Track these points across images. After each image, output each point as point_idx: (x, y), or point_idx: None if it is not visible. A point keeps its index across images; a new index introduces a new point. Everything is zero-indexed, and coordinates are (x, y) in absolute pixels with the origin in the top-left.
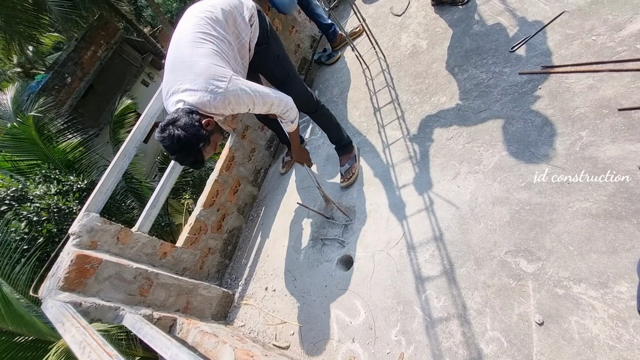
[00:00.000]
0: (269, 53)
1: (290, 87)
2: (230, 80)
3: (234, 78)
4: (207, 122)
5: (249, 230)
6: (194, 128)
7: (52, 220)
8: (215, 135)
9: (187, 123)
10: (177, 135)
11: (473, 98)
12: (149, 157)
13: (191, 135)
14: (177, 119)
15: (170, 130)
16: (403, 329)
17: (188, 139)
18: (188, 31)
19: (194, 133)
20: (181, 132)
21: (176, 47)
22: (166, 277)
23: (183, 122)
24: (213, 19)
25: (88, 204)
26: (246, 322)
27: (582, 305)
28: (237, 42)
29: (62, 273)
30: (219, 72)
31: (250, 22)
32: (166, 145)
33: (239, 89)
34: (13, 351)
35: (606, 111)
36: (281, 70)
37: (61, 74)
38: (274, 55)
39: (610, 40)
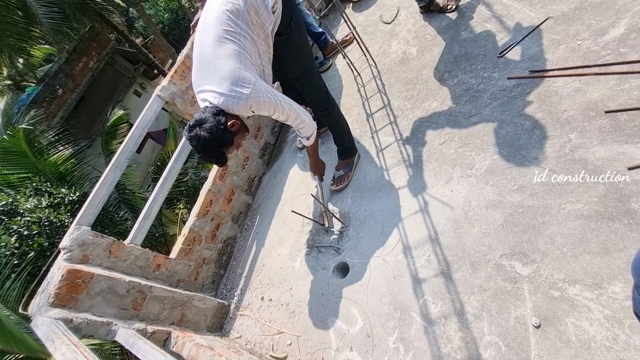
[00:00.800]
0: (291, 44)
1: (306, 82)
2: (254, 86)
3: (257, 83)
4: (233, 124)
5: (243, 240)
6: (219, 131)
7: (43, 234)
8: (240, 136)
9: (213, 125)
10: (202, 137)
11: (463, 103)
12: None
13: (216, 139)
14: (204, 120)
15: (197, 131)
16: (401, 335)
17: (213, 141)
18: (211, 28)
19: (218, 136)
20: (207, 134)
21: (200, 43)
22: (160, 289)
23: (209, 124)
24: (234, 12)
25: (79, 218)
26: (242, 333)
27: (578, 307)
28: (262, 33)
29: (53, 289)
30: (242, 76)
31: (273, 9)
32: (192, 145)
33: (261, 95)
34: None
35: (593, 113)
36: (300, 64)
37: (52, 86)
38: (295, 47)
39: (595, 45)
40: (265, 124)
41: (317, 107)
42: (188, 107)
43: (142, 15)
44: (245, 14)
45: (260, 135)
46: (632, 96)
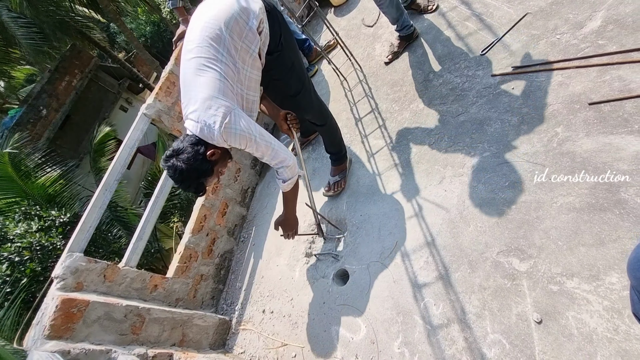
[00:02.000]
0: (284, 60)
1: (304, 97)
2: (229, 117)
3: (233, 114)
4: (213, 153)
5: (241, 252)
6: (197, 162)
7: (35, 259)
8: (220, 164)
9: (190, 156)
10: (179, 168)
11: (450, 102)
12: (133, 183)
13: (193, 169)
14: (181, 150)
15: (174, 162)
16: (405, 340)
17: (190, 172)
18: (192, 54)
19: (196, 167)
20: (183, 165)
21: (183, 70)
22: (159, 311)
23: (186, 155)
24: (215, 38)
25: (71, 244)
26: (246, 348)
27: (577, 300)
28: (249, 58)
29: (48, 320)
30: (217, 106)
31: (259, 30)
32: (169, 175)
33: (234, 127)
34: None
35: (578, 106)
36: (296, 79)
37: (36, 107)
38: (289, 62)
39: (574, 38)
40: None
41: (316, 122)
42: (175, 123)
43: (124, 29)
44: (228, 39)
45: None
46: (614, 87)
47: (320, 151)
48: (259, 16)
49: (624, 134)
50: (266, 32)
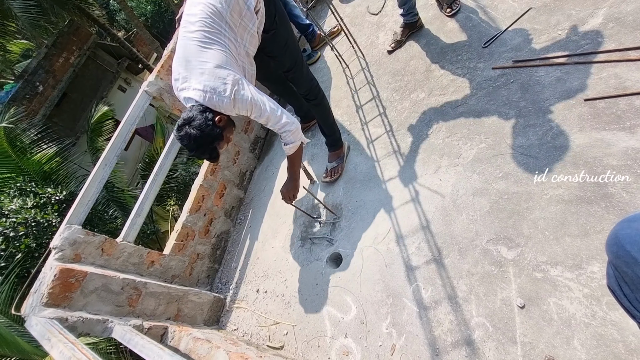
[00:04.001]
0: (278, 38)
1: (296, 74)
2: (235, 85)
3: (241, 83)
4: (220, 119)
5: (237, 234)
6: (208, 127)
7: (30, 235)
8: (228, 130)
9: (202, 123)
10: (193, 135)
11: (450, 93)
12: (130, 165)
13: (206, 135)
14: (192, 118)
15: (187, 129)
16: (393, 321)
17: (203, 138)
18: (195, 28)
19: (208, 133)
20: (197, 132)
21: (184, 43)
22: (155, 285)
23: (198, 122)
24: (217, 14)
25: (69, 216)
26: (239, 326)
27: (559, 287)
28: (246, 35)
29: (46, 289)
30: (225, 76)
31: (256, 9)
32: (184, 144)
33: (242, 95)
34: None
35: (573, 102)
36: (289, 56)
37: (32, 83)
38: (283, 40)
39: (575, 34)
40: None
41: (308, 96)
42: (176, 102)
43: (124, 7)
44: (228, 16)
45: (251, 130)
46: (610, 84)
47: (319, 137)
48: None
49: (616, 130)
50: (262, 11)
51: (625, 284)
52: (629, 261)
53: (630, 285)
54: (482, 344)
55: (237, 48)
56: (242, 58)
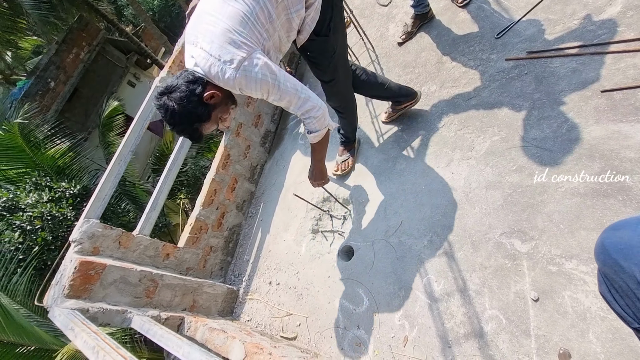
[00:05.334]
0: (325, 46)
1: (332, 89)
2: (249, 58)
3: (255, 56)
4: (211, 95)
5: (249, 227)
6: (190, 104)
7: (46, 228)
8: (221, 110)
9: (184, 96)
10: (170, 108)
11: (462, 85)
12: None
13: (186, 112)
14: (175, 88)
15: (165, 100)
16: (406, 313)
17: (182, 115)
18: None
19: (189, 110)
20: (175, 105)
21: None
22: (171, 277)
23: (179, 94)
24: None
25: (87, 211)
26: (252, 317)
27: (574, 280)
28: (284, 17)
29: (67, 280)
30: (238, 43)
31: (307, 3)
32: (162, 116)
33: (254, 70)
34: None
35: (590, 93)
36: (332, 70)
37: (44, 79)
38: (330, 50)
39: (591, 24)
40: (265, 111)
41: (336, 108)
42: None
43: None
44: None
45: (261, 124)
46: (628, 75)
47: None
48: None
49: (634, 122)
50: (317, 7)
51: (615, 291)
52: (616, 269)
53: (620, 292)
54: (495, 336)
55: (268, 22)
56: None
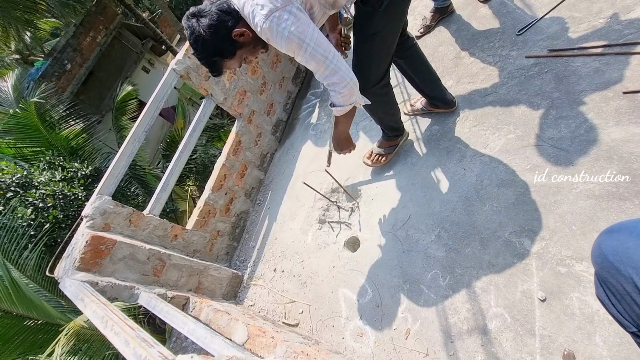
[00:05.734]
0: (367, 21)
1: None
2: (281, 9)
3: (289, 9)
4: (241, 33)
5: (256, 214)
6: (217, 35)
7: (57, 207)
8: (247, 50)
9: (212, 24)
10: (196, 32)
11: (480, 82)
12: (152, 144)
13: (210, 43)
14: (206, 13)
15: (194, 23)
16: (409, 306)
17: (207, 44)
18: None
19: (214, 41)
20: (202, 31)
21: None
22: (178, 258)
23: (208, 21)
24: None
25: (100, 187)
26: (256, 302)
27: (584, 282)
28: None
29: (78, 254)
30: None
31: None
32: (187, 36)
33: (281, 25)
34: (24, 334)
35: (611, 94)
36: (367, 52)
37: (60, 61)
38: (371, 29)
39: (618, 23)
40: (278, 100)
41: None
42: (202, 81)
43: None
44: None
45: (273, 112)
46: None
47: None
48: None
49: None
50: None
51: (612, 294)
52: (613, 272)
53: (617, 295)
54: (499, 334)
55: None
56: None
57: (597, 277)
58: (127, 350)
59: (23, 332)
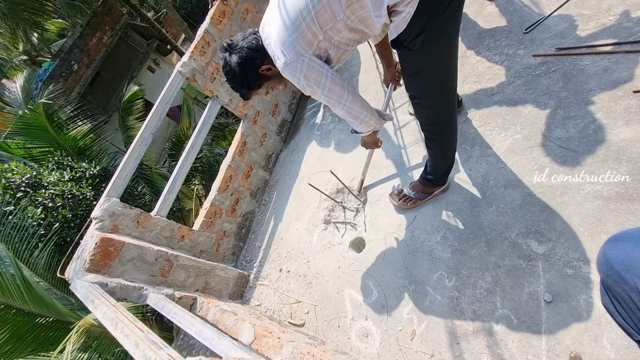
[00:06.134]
0: (408, 61)
1: (417, 106)
2: (294, 61)
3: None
4: (269, 68)
5: (262, 214)
6: (246, 70)
7: (66, 206)
8: (274, 82)
9: (242, 62)
10: (228, 64)
11: (486, 81)
12: (158, 144)
13: (242, 75)
14: (238, 49)
15: (227, 56)
16: (415, 307)
17: (235, 76)
18: None
19: (245, 75)
20: (233, 65)
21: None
22: (185, 258)
23: (238, 57)
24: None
25: (109, 189)
26: (262, 302)
27: (591, 284)
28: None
29: (88, 255)
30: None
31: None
32: (221, 65)
33: (296, 74)
34: (35, 332)
35: (621, 93)
36: (415, 89)
37: (68, 61)
38: (412, 68)
39: (628, 21)
40: (282, 101)
41: (424, 129)
42: (208, 83)
43: None
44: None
45: (278, 113)
46: None
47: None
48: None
49: None
50: (405, 18)
51: (617, 303)
52: (619, 281)
53: (622, 304)
54: (505, 335)
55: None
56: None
57: (603, 285)
58: (137, 352)
59: (35, 329)
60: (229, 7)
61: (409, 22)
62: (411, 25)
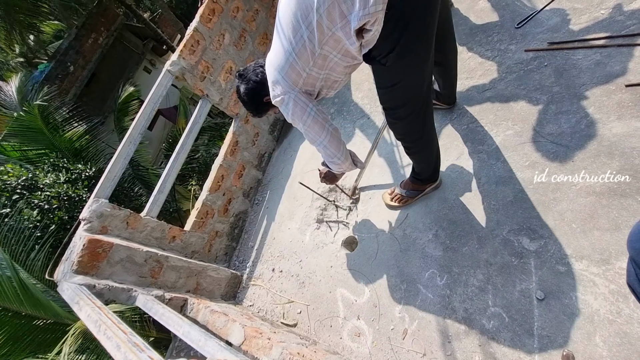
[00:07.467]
0: (381, 74)
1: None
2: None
3: (288, 96)
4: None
5: (254, 214)
6: (253, 99)
7: (62, 208)
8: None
9: (248, 92)
10: (239, 90)
11: (477, 77)
12: (154, 145)
13: (251, 102)
14: (247, 80)
15: (238, 84)
16: (406, 306)
17: (245, 102)
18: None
19: (254, 102)
20: (243, 94)
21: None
22: (176, 259)
23: (245, 87)
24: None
25: (97, 191)
26: (254, 302)
27: (584, 282)
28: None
29: (76, 257)
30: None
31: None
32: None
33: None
34: (32, 334)
35: (613, 87)
36: (388, 100)
37: (63, 63)
38: (386, 82)
39: (620, 14)
40: None
41: (403, 143)
42: (198, 82)
43: None
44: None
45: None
46: None
47: (339, 121)
48: (369, 14)
49: None
50: (374, 35)
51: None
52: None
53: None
54: (497, 334)
55: (312, 59)
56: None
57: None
58: (118, 355)
59: (32, 331)
60: (218, 5)
61: (377, 38)
62: (382, 41)
